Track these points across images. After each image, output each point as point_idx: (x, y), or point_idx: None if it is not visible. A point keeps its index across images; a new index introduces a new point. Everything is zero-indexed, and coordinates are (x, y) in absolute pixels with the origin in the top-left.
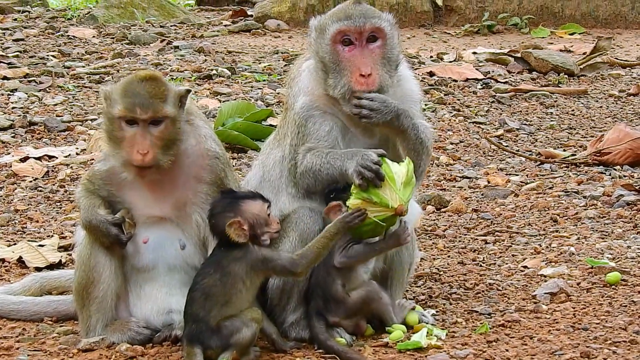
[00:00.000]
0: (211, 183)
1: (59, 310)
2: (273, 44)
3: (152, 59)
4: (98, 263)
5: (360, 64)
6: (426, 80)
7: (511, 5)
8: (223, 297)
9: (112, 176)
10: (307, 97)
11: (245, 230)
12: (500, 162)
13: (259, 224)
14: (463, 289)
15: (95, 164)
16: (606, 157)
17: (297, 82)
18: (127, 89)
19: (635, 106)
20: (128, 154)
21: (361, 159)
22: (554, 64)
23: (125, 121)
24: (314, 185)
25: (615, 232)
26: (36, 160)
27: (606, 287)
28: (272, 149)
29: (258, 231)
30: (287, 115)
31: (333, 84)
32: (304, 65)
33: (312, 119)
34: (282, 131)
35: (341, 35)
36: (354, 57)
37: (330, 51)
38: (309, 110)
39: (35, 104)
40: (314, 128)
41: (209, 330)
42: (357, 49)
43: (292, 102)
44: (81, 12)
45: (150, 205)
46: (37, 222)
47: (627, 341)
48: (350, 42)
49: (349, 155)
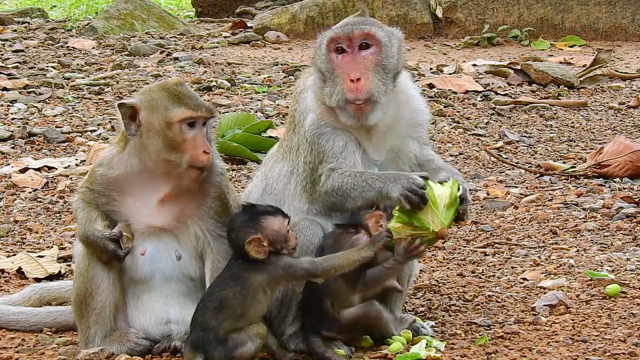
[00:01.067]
0: (215, 197)
1: (58, 321)
2: (273, 56)
3: (152, 70)
4: (96, 275)
5: (350, 70)
6: (426, 92)
7: (511, 18)
8: (240, 309)
9: (116, 184)
10: (315, 114)
11: (265, 247)
12: (500, 174)
13: (278, 240)
14: (462, 300)
15: (97, 169)
16: (606, 170)
17: (303, 97)
18: (173, 93)
19: (635, 119)
20: (193, 157)
21: (407, 183)
22: (553, 76)
23: (187, 124)
24: (342, 204)
25: (614, 244)
26: (35, 171)
27: (605, 299)
28: (277, 162)
29: (278, 247)
30: (296, 131)
31: (329, 92)
32: (309, 80)
33: (324, 136)
34: (289, 145)
35: (334, 43)
36: (345, 64)
37: (325, 60)
38: (319, 128)
39: (34, 115)
40: (328, 145)
41: (215, 340)
42: (349, 56)
43: (301, 118)
44: (81, 23)
45: (153, 215)
46: (37, 233)
47: (626, 353)
48: (343, 50)
49: (391, 178)
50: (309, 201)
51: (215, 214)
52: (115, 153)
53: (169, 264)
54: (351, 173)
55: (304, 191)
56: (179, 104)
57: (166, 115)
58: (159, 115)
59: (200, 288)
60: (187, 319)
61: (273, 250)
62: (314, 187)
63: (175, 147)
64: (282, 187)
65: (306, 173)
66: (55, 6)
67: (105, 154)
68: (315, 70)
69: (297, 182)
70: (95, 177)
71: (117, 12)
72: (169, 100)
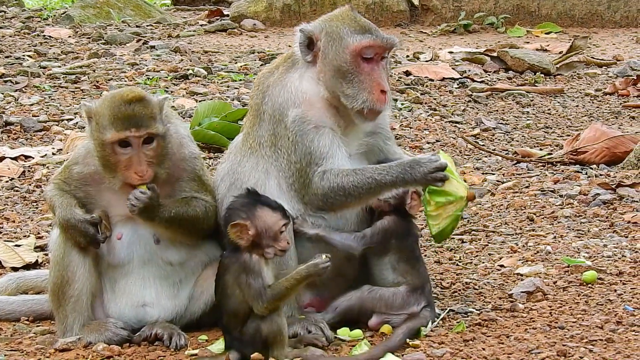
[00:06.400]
0: (189, 179)
1: (34, 309)
2: (249, 44)
3: (129, 59)
4: (72, 262)
5: (381, 80)
6: (403, 79)
7: (487, 5)
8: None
9: (92, 177)
10: (299, 109)
11: (250, 235)
12: (477, 162)
13: (267, 235)
14: (440, 288)
15: (72, 166)
16: (582, 156)
17: (280, 92)
18: (115, 113)
19: (611, 105)
20: (126, 177)
21: (427, 165)
22: (530, 63)
23: (118, 144)
24: (343, 203)
25: (591, 230)
26: (12, 160)
27: (582, 285)
28: (246, 157)
29: (263, 241)
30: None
31: (352, 94)
32: (291, 73)
33: (308, 136)
34: (258, 141)
35: (367, 49)
36: (374, 73)
37: (350, 62)
38: (302, 125)
39: (11, 104)
40: (314, 146)
41: (237, 341)
42: (375, 64)
43: (277, 113)
44: (57, 12)
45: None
46: (14, 222)
47: (604, 339)
48: (371, 57)
49: (405, 167)
50: (302, 202)
51: (190, 190)
52: (90, 149)
53: (147, 248)
54: (348, 172)
55: (291, 190)
56: (112, 125)
57: (101, 135)
58: (98, 134)
59: (180, 272)
60: (163, 303)
61: (258, 243)
62: (305, 189)
63: (112, 167)
64: (257, 184)
65: (292, 172)
66: None
67: (80, 150)
68: (324, 66)
69: (282, 181)
70: (72, 174)
71: (94, 0)
72: (107, 120)
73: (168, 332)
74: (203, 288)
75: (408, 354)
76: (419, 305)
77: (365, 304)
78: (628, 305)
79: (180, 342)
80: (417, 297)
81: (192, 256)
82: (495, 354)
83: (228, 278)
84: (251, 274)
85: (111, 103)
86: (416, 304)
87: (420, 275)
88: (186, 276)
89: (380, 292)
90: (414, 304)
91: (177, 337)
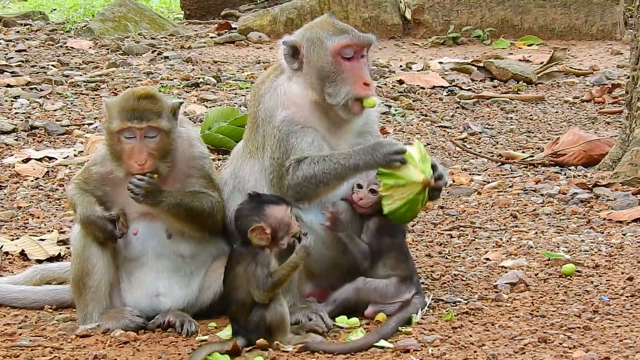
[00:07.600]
0: (198, 177)
1: (57, 298)
2: (255, 55)
3: (144, 68)
4: (91, 255)
5: (363, 74)
6: (396, 87)
7: (474, 19)
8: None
9: (109, 178)
10: (288, 111)
11: (268, 234)
12: (465, 163)
13: (281, 228)
14: (430, 279)
15: (92, 167)
16: (562, 158)
17: (270, 96)
18: (124, 105)
19: (588, 111)
20: (127, 166)
21: (387, 148)
22: (513, 73)
23: (124, 135)
24: (314, 191)
25: (570, 227)
26: (37, 161)
27: (562, 277)
28: (245, 161)
29: (279, 235)
30: (260, 130)
31: (333, 92)
32: (280, 79)
33: (294, 134)
34: (255, 145)
35: (346, 49)
36: (356, 69)
37: (331, 62)
38: (290, 125)
39: (36, 110)
40: (296, 142)
41: (243, 328)
42: (355, 61)
43: (267, 115)
44: (79, 25)
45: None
46: (38, 218)
47: (581, 327)
48: (351, 56)
49: (366, 151)
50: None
51: (199, 186)
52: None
53: (160, 242)
54: (318, 159)
55: (271, 185)
56: (119, 115)
57: (109, 125)
58: (108, 124)
59: (191, 264)
60: (176, 293)
61: (275, 237)
62: (281, 181)
63: (118, 155)
64: (254, 184)
65: (273, 167)
66: (55, 9)
67: (99, 152)
68: (308, 71)
69: (265, 178)
70: (91, 175)
71: (112, 14)
72: (116, 111)
73: (180, 319)
74: (212, 279)
75: (401, 340)
76: (411, 293)
77: (361, 295)
78: (604, 295)
79: (191, 328)
80: (408, 285)
81: (202, 249)
82: (482, 340)
83: (239, 270)
84: (260, 265)
85: (123, 97)
86: (408, 291)
87: (409, 268)
88: (197, 268)
89: (374, 284)
90: (406, 291)
91: (188, 324)
